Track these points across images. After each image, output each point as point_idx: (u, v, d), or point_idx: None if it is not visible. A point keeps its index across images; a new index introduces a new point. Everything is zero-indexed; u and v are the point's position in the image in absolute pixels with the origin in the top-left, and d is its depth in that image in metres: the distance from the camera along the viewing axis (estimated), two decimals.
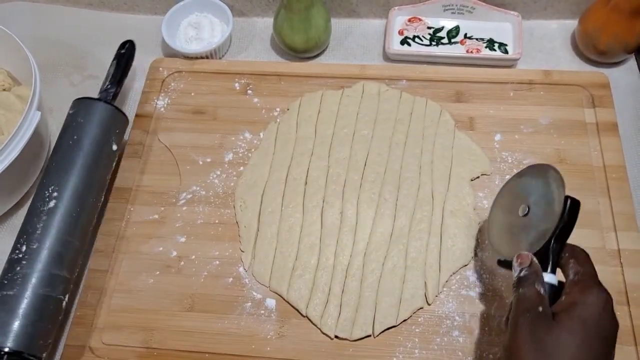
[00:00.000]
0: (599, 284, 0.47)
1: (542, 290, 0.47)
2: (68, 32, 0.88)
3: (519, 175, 0.58)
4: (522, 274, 0.48)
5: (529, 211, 0.53)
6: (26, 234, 0.60)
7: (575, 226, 0.63)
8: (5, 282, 0.58)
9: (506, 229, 0.57)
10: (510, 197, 0.58)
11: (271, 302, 0.63)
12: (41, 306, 0.58)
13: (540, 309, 0.45)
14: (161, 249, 0.67)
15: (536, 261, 0.49)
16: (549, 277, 0.49)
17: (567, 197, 0.50)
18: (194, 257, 0.66)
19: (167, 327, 0.62)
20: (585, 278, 0.47)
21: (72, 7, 0.90)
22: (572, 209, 0.50)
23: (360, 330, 0.60)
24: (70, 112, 0.68)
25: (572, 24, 0.82)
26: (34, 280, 0.58)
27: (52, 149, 0.70)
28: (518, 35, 0.78)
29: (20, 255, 0.59)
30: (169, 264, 0.66)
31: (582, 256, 0.49)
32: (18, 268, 0.58)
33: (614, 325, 0.45)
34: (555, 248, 0.49)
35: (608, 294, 0.46)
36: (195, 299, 0.63)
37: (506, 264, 0.55)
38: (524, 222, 0.54)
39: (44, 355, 0.58)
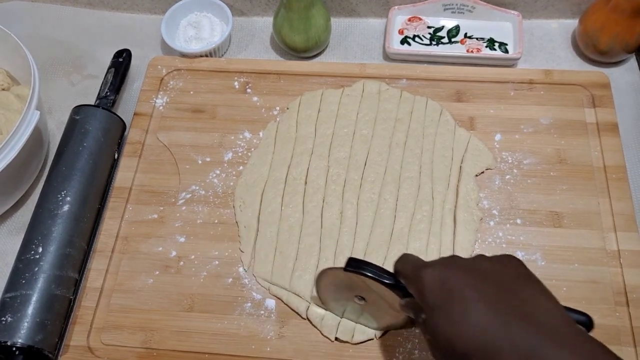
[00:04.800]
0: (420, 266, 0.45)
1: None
2: (67, 32, 0.88)
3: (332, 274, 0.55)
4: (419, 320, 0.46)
5: (364, 299, 0.54)
6: (41, 236, 0.63)
7: (576, 226, 0.64)
8: (23, 281, 0.61)
9: (349, 308, 0.58)
10: (336, 285, 0.55)
11: (271, 303, 0.62)
12: (54, 305, 0.61)
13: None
14: (160, 248, 0.66)
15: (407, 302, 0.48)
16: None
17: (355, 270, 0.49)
18: (193, 257, 0.66)
19: (166, 327, 0.62)
20: (408, 275, 0.46)
21: (71, 7, 0.90)
22: (356, 267, 0.49)
23: (361, 334, 0.59)
24: (76, 117, 0.71)
25: (572, 23, 0.82)
26: (50, 280, 0.61)
27: (53, 151, 0.72)
28: (518, 35, 0.78)
29: (37, 256, 0.62)
30: (168, 264, 0.65)
31: (401, 271, 0.47)
32: (36, 269, 0.61)
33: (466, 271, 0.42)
34: (398, 290, 0.48)
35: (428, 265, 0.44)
36: (194, 299, 0.63)
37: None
38: (363, 305, 0.55)
39: (56, 352, 0.61)
